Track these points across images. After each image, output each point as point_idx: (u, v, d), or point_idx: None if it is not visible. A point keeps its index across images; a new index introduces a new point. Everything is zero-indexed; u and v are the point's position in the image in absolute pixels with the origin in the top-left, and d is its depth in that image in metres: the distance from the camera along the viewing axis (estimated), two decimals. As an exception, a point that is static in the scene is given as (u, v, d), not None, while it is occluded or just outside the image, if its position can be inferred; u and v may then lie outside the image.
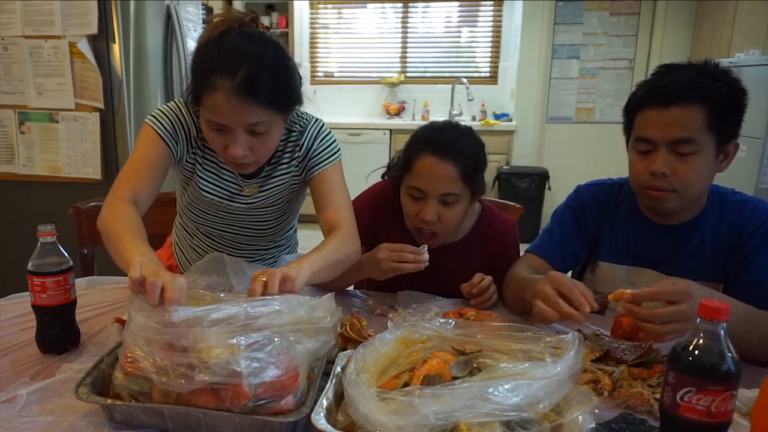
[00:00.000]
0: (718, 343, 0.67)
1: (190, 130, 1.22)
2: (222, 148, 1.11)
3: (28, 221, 1.34)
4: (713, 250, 1.19)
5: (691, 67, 1.13)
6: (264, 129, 1.10)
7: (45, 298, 0.96)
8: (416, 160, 1.24)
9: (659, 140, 1.11)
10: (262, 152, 1.14)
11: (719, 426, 0.68)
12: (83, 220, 1.63)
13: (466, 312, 1.17)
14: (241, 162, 1.13)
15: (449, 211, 1.25)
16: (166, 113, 1.21)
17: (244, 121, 1.06)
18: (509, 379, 0.70)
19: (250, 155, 1.12)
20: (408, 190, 1.28)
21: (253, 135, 1.10)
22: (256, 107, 1.05)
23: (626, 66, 4.71)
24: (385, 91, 5.29)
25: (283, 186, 1.30)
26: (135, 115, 2.47)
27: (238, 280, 1.18)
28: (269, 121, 1.10)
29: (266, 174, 1.28)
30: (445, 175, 1.22)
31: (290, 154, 1.28)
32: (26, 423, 0.79)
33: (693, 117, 1.08)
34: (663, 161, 1.11)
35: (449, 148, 1.22)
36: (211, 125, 1.09)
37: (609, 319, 1.16)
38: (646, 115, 1.13)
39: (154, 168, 1.18)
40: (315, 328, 0.80)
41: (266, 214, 1.34)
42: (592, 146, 4.76)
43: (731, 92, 1.10)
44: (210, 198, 1.28)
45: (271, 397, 0.74)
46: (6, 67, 2.43)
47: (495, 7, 5.11)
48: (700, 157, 1.11)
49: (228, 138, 1.09)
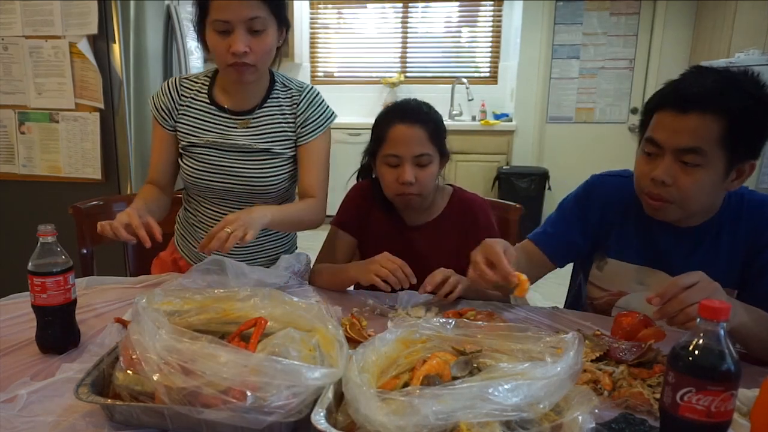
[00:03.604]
0: (718, 343, 0.67)
1: (174, 97, 1.43)
2: (225, 50, 1.28)
3: (28, 221, 1.34)
4: (730, 254, 1.15)
5: (720, 74, 1.06)
6: (261, 26, 1.28)
7: (45, 298, 0.96)
8: (388, 130, 1.37)
9: (666, 145, 1.07)
10: (259, 52, 1.30)
11: (719, 426, 0.68)
12: (83, 220, 1.64)
13: (466, 312, 1.17)
14: (242, 62, 1.28)
15: (424, 172, 1.36)
16: (157, 92, 1.45)
17: (244, 14, 1.25)
18: (509, 379, 0.70)
19: (250, 55, 1.28)
20: (384, 159, 1.38)
21: (252, 34, 1.28)
22: (255, 1, 1.25)
23: (626, 66, 4.71)
24: (385, 91, 5.29)
25: (273, 127, 1.43)
26: (135, 115, 2.47)
27: (238, 281, 1.18)
28: (265, 18, 1.28)
29: (257, 115, 1.43)
30: (416, 137, 1.35)
31: (287, 106, 1.44)
32: (26, 423, 0.79)
33: (708, 128, 1.02)
34: (665, 169, 1.07)
35: (415, 114, 1.37)
36: (216, 27, 1.27)
37: (609, 319, 1.16)
38: (662, 116, 1.08)
39: (162, 148, 1.46)
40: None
41: (259, 159, 1.42)
42: (592, 146, 4.76)
43: (757, 106, 1.03)
44: (205, 139, 1.41)
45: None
46: (6, 67, 2.44)
47: (495, 7, 5.12)
48: (705, 171, 1.05)
49: (230, 39, 1.27)
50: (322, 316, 0.90)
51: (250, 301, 0.95)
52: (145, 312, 0.81)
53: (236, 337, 0.90)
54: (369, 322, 1.14)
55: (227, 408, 0.72)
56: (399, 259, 1.27)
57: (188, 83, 1.45)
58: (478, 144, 4.70)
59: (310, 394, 0.74)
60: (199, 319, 0.94)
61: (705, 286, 0.91)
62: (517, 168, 4.71)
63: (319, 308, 0.92)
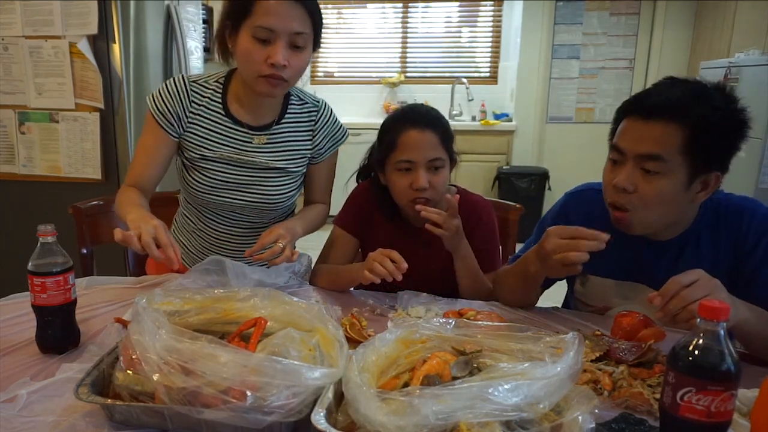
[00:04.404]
0: (718, 343, 0.67)
1: (184, 102, 1.34)
2: (262, 60, 1.22)
3: (28, 221, 1.34)
4: (714, 263, 1.11)
5: (690, 85, 1.06)
6: (302, 43, 1.24)
7: (45, 298, 0.96)
8: (399, 135, 1.34)
9: (629, 152, 1.06)
10: (296, 68, 1.26)
11: (719, 426, 0.68)
12: (83, 220, 1.64)
13: (466, 312, 1.17)
14: (278, 74, 1.22)
15: (437, 177, 1.35)
16: (161, 92, 1.34)
17: (292, 27, 1.21)
18: (509, 379, 0.70)
19: (288, 69, 1.23)
20: (397, 165, 1.35)
21: (292, 49, 1.23)
22: (304, 13, 1.22)
23: (626, 66, 4.71)
24: (385, 91, 5.29)
25: (291, 145, 1.40)
26: (135, 115, 2.47)
27: (238, 282, 1.18)
28: (308, 36, 1.24)
29: (275, 130, 1.38)
30: (429, 141, 1.33)
31: (304, 122, 1.41)
32: (26, 423, 0.79)
33: (670, 136, 1.02)
34: (627, 175, 1.06)
35: (426, 118, 1.35)
36: (257, 33, 1.20)
37: (609, 319, 1.16)
38: (627, 124, 1.08)
39: (154, 152, 1.35)
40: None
41: (273, 177, 1.38)
42: (592, 146, 4.75)
43: (725, 120, 1.03)
44: (218, 154, 1.35)
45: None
46: (6, 67, 2.44)
47: (495, 7, 5.12)
48: (666, 179, 1.04)
49: (269, 49, 1.21)
50: (322, 316, 0.90)
51: (250, 301, 0.95)
52: (145, 312, 0.81)
53: (236, 337, 0.90)
54: (369, 322, 1.14)
55: (227, 408, 0.72)
56: (387, 250, 1.23)
57: (199, 88, 1.36)
58: (478, 144, 4.70)
59: (310, 394, 0.74)
60: (199, 319, 0.94)
61: (705, 283, 0.91)
62: (517, 168, 4.71)
63: (319, 308, 0.92)
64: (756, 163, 3.08)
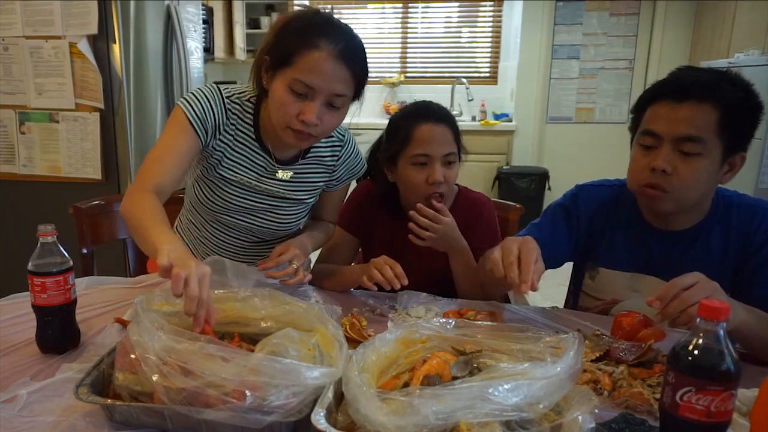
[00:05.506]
0: (718, 343, 0.67)
1: (221, 115, 1.24)
2: (294, 114, 1.13)
3: (28, 221, 1.34)
4: (721, 258, 1.15)
5: (711, 70, 1.10)
6: (340, 104, 1.17)
7: (45, 298, 0.96)
8: (414, 129, 1.34)
9: (665, 135, 1.08)
10: (327, 126, 1.19)
11: (719, 426, 0.68)
12: (83, 220, 1.64)
13: (466, 312, 1.17)
14: (307, 131, 1.15)
15: (451, 172, 1.36)
16: (198, 97, 1.22)
17: (334, 87, 1.12)
18: (509, 379, 0.70)
19: (318, 127, 1.16)
20: (412, 160, 1.34)
21: (328, 107, 1.15)
22: (348, 76, 1.13)
23: (626, 66, 4.71)
24: (385, 92, 5.29)
25: (312, 178, 1.37)
26: (135, 115, 2.47)
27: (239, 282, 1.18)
28: (347, 98, 1.17)
29: (299, 166, 1.35)
30: (444, 136, 1.34)
31: (328, 157, 1.37)
32: (26, 423, 0.79)
33: (705, 116, 1.05)
34: (665, 157, 1.08)
35: (439, 114, 1.36)
36: (295, 86, 1.11)
37: (609, 319, 1.16)
38: (657, 108, 1.10)
39: (182, 156, 1.20)
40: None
41: (288, 207, 1.37)
42: (592, 146, 4.76)
43: (748, 100, 1.07)
44: (239, 178, 1.30)
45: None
46: (6, 67, 2.44)
47: (495, 7, 5.12)
48: (705, 160, 1.07)
49: (304, 105, 1.13)
50: (322, 316, 0.90)
51: (250, 302, 0.95)
52: (145, 313, 0.81)
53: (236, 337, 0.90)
54: (369, 322, 1.14)
55: (227, 408, 0.72)
56: (392, 260, 1.24)
57: (232, 106, 1.26)
58: (478, 144, 4.70)
59: (309, 394, 0.74)
60: (199, 320, 0.93)
61: (704, 286, 0.92)
62: (517, 168, 4.71)
63: (319, 308, 0.92)
64: (756, 163, 3.08)
